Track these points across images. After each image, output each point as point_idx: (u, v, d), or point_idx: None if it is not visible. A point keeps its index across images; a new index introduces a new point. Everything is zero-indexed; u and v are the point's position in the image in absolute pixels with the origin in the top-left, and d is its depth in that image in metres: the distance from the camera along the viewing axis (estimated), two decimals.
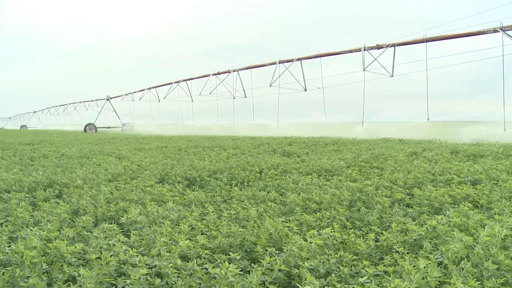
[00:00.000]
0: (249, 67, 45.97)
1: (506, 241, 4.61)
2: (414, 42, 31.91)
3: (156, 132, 48.52)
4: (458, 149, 17.25)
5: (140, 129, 61.59)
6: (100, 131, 70.95)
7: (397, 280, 3.44)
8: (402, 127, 37.26)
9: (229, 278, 3.67)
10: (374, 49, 33.32)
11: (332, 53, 38.00)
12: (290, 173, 10.96)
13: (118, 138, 34.82)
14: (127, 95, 72.73)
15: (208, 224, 5.76)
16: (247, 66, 46.16)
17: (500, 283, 3.62)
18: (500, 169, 10.90)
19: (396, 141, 24.67)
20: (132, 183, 9.18)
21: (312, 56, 39.38)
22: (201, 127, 53.70)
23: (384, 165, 12.23)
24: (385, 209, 6.80)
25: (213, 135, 36.93)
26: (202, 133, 42.38)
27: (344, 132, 35.74)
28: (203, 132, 44.28)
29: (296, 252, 4.36)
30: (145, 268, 3.84)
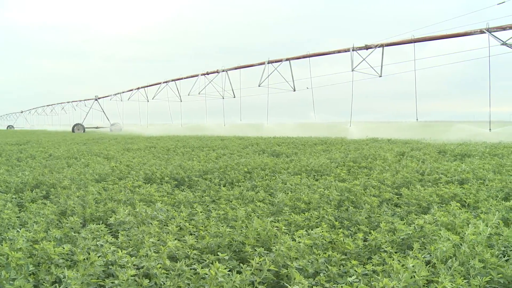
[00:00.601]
0: (238, 67, 45.96)
1: (491, 239, 4.65)
2: (402, 42, 32.11)
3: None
4: (446, 149, 17.39)
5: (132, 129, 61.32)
6: (88, 131, 70.54)
7: (385, 279, 3.45)
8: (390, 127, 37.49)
9: (219, 279, 3.66)
10: (362, 49, 33.46)
11: (321, 53, 38.10)
12: (279, 173, 10.96)
13: (107, 138, 34.65)
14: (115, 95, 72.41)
15: (197, 225, 5.75)
16: (236, 66, 46.15)
17: (485, 281, 3.65)
18: (487, 169, 11.00)
19: (384, 141, 24.81)
20: (120, 184, 9.13)
21: (300, 56, 39.47)
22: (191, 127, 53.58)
23: (372, 165, 12.29)
24: (374, 208, 6.83)
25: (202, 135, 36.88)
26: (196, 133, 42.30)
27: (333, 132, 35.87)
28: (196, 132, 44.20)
29: (284, 252, 4.36)
30: (133, 269, 3.82)
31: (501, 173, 10.41)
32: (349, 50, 34.10)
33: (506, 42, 25.38)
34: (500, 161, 12.84)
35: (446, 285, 3.42)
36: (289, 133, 35.56)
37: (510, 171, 10.63)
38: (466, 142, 22.79)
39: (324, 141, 24.30)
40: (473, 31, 27.28)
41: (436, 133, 30.12)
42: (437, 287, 3.49)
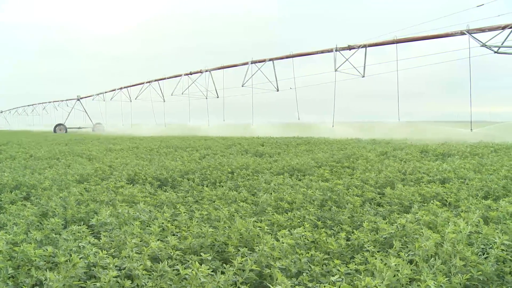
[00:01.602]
0: (221, 67, 45.86)
1: (472, 237, 4.71)
2: (385, 43, 32.35)
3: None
4: (428, 149, 17.57)
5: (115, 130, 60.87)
6: (71, 131, 69.82)
7: (368, 278, 3.47)
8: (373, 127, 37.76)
9: (201, 279, 3.64)
10: (345, 49, 33.63)
11: (304, 54, 38.21)
12: (262, 173, 10.96)
13: (89, 138, 34.34)
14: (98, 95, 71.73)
15: (180, 225, 5.71)
16: (219, 66, 46.04)
17: (466, 279, 3.69)
18: (468, 168, 11.15)
19: (367, 141, 24.98)
20: (103, 184, 9.05)
21: (284, 56, 39.53)
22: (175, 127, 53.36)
23: (355, 164, 12.37)
24: (356, 208, 6.87)
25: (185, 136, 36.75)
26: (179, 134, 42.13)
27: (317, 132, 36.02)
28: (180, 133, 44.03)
29: (267, 252, 4.36)
30: (115, 270, 3.78)
31: (481, 172, 10.56)
32: (332, 50, 34.25)
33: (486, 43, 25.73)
34: (480, 160, 13.03)
35: (429, 283, 3.46)
36: (272, 133, 35.60)
37: (490, 170, 10.78)
38: (448, 142, 23.09)
39: (308, 141, 24.39)
40: (454, 32, 27.60)
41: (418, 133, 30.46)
42: (420, 286, 3.52)
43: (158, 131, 50.32)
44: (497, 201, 7.15)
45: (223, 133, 39.72)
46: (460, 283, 3.67)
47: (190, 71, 49.36)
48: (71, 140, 31.76)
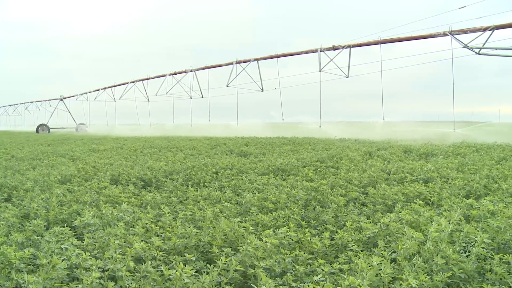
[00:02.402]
0: (206, 67, 45.68)
1: (453, 236, 4.76)
2: (369, 43, 32.50)
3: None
4: (411, 149, 17.72)
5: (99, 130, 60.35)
6: (54, 131, 69.08)
7: (351, 277, 3.49)
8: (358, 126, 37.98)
9: (184, 280, 3.63)
10: (330, 50, 33.70)
11: (289, 54, 38.22)
12: (246, 173, 10.96)
13: (72, 139, 34.03)
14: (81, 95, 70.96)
15: (164, 226, 5.68)
16: (204, 66, 45.85)
17: (447, 277, 3.73)
18: (450, 167, 11.27)
19: (352, 141, 25.12)
20: (86, 185, 8.96)
21: (268, 56, 39.50)
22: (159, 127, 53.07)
23: (339, 164, 12.42)
24: (340, 208, 6.90)
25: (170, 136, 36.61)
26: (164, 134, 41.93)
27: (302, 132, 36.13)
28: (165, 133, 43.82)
29: (251, 252, 4.36)
30: (98, 272, 3.74)
31: (463, 172, 10.68)
32: (317, 50, 34.30)
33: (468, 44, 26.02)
34: (462, 160, 13.17)
35: (411, 282, 3.48)
36: (257, 133, 35.61)
37: (472, 170, 10.91)
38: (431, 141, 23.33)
39: (292, 141, 24.44)
40: (437, 33, 27.84)
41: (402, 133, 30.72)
42: (402, 284, 3.54)
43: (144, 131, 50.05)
44: (478, 200, 7.24)
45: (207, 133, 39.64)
46: (441, 281, 3.71)
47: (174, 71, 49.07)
48: (54, 140, 31.44)
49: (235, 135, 34.23)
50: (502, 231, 4.96)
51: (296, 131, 36.72)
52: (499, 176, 9.66)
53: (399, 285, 3.57)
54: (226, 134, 37.78)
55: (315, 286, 3.60)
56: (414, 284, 3.50)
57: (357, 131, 34.41)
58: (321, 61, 33.53)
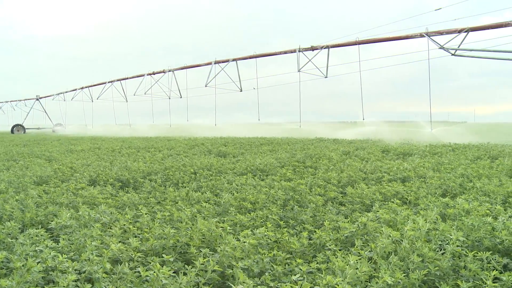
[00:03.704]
0: (184, 67, 45.48)
1: (430, 234, 4.82)
2: (347, 44, 32.73)
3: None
4: (389, 148, 17.92)
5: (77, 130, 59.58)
6: (29, 132, 68.00)
7: (329, 276, 3.51)
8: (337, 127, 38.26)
9: (162, 281, 3.60)
10: (308, 50, 33.85)
11: (267, 54, 38.26)
12: (225, 173, 10.95)
13: (49, 139, 33.55)
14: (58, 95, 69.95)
15: (142, 227, 5.64)
16: (182, 66, 45.64)
17: (423, 274, 3.78)
18: (427, 167, 11.43)
19: (330, 141, 25.28)
20: (63, 186, 8.84)
21: (247, 56, 39.49)
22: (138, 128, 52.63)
23: (318, 164, 12.48)
24: (319, 207, 6.94)
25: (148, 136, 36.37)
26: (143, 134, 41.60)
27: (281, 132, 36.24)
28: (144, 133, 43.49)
29: (229, 252, 4.35)
30: (74, 274, 3.69)
31: (440, 171, 10.84)
32: (295, 51, 34.42)
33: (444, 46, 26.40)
34: (439, 159, 13.37)
35: (386, 279, 3.53)
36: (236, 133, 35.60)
37: (448, 169, 11.08)
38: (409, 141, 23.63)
39: (271, 141, 24.49)
40: (414, 34, 28.19)
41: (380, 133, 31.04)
42: (378, 282, 3.58)
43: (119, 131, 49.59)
44: (454, 199, 7.36)
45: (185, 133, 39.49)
46: (417, 279, 3.76)
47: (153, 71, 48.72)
48: (30, 141, 30.94)
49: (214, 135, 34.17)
50: (476, 229, 5.04)
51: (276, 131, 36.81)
52: (474, 175, 9.82)
53: (375, 283, 3.61)
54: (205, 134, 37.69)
55: (293, 285, 3.61)
56: (390, 281, 3.55)
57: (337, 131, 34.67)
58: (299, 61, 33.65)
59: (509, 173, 10.54)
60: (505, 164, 11.54)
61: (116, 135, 43.27)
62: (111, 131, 51.39)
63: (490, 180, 9.07)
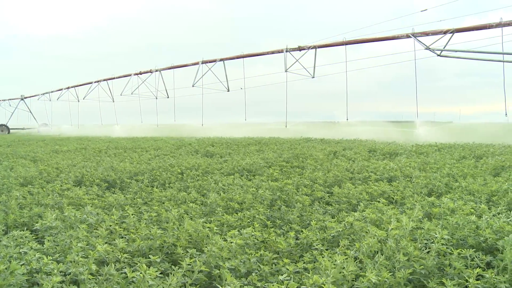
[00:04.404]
0: (171, 67, 45.28)
1: (415, 233, 4.86)
2: (334, 44, 32.83)
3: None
4: (376, 148, 18.02)
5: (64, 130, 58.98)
6: (14, 132, 67.27)
7: (315, 276, 3.53)
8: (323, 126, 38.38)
9: (149, 282, 3.59)
10: (295, 50, 33.90)
11: (255, 54, 38.27)
12: (212, 173, 10.94)
13: (34, 140, 33.22)
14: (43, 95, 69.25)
15: (128, 227, 5.61)
16: (169, 66, 45.43)
17: (408, 273, 3.82)
18: (413, 166, 11.52)
19: (317, 141, 25.36)
20: (48, 187, 8.76)
21: (234, 56, 39.45)
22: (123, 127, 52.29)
23: (304, 164, 12.52)
24: (305, 207, 6.96)
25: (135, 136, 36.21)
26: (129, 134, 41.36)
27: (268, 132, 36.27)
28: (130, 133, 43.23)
29: (216, 252, 4.35)
30: (59, 276, 3.66)
31: (425, 170, 10.94)
32: (283, 51, 34.46)
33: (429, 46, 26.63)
34: (425, 159, 13.49)
35: (370, 277, 3.56)
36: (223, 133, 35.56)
37: (434, 168, 11.18)
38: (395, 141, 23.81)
39: (258, 141, 24.51)
40: (400, 35, 28.39)
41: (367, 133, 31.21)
42: (363, 281, 3.60)
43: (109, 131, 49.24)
44: (440, 198, 7.43)
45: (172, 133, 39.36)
46: (403, 278, 3.79)
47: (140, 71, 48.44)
48: (14, 141, 30.60)
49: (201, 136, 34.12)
50: (461, 228, 5.11)
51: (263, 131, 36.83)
52: (459, 174, 9.93)
53: (361, 282, 3.64)
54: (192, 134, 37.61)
55: (279, 285, 3.62)
56: (375, 280, 3.57)
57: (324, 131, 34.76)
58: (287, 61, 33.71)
59: (493, 172, 10.68)
60: (489, 164, 11.67)
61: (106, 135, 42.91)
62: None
63: (475, 179, 9.18)
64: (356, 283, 3.70)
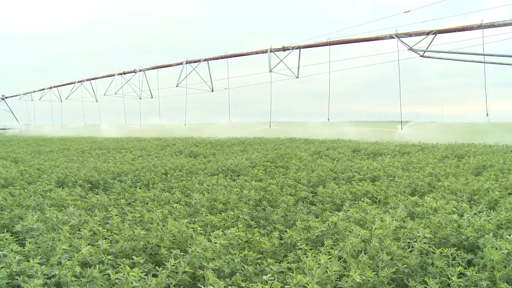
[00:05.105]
0: (155, 67, 45.00)
1: (398, 232, 4.90)
2: (318, 45, 32.91)
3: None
4: (360, 148, 18.12)
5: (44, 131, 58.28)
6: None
7: (299, 276, 3.53)
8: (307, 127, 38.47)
9: (132, 283, 3.56)
10: (280, 51, 33.92)
11: (239, 54, 38.21)
12: (196, 174, 10.90)
13: (16, 140, 32.80)
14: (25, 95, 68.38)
15: (111, 228, 5.56)
16: (153, 66, 45.14)
17: (392, 272, 3.85)
18: (396, 166, 11.61)
19: (301, 141, 25.42)
20: (30, 188, 8.65)
21: (218, 56, 39.34)
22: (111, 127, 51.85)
23: (289, 164, 12.53)
24: (290, 207, 6.96)
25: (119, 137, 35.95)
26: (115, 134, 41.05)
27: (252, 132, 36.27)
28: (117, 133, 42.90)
29: (200, 253, 4.33)
30: (41, 278, 3.61)
31: (408, 170, 11.03)
32: (267, 51, 34.47)
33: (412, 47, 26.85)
34: (408, 159, 13.59)
35: (355, 277, 3.58)
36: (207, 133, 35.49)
37: (417, 168, 11.28)
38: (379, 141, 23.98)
39: (242, 142, 24.49)
40: (384, 36, 28.58)
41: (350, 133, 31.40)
42: (347, 281, 3.62)
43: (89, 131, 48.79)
44: (422, 197, 7.49)
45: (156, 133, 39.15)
46: (386, 277, 3.82)
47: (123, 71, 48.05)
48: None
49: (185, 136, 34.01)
50: (443, 226, 5.16)
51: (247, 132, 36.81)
52: (442, 174, 10.04)
53: (345, 282, 3.65)
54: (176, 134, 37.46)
55: (263, 285, 3.61)
56: (359, 279, 3.59)
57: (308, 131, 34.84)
58: (271, 61, 33.73)
59: (475, 172, 10.81)
60: (471, 163, 11.82)
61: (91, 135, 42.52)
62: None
63: (457, 178, 9.28)
64: (340, 282, 3.71)
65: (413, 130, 31.79)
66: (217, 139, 28.45)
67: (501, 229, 5.21)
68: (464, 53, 25.04)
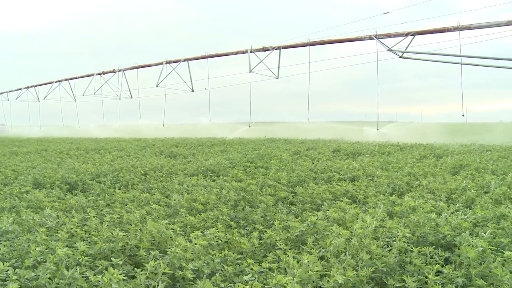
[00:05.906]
0: (135, 67, 44.63)
1: (377, 232, 4.95)
2: (299, 45, 33.02)
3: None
4: (340, 148, 18.24)
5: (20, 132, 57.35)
6: None
7: (279, 275, 3.53)
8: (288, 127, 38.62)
9: (112, 285, 3.51)
10: (260, 51, 33.95)
11: (219, 54, 38.13)
12: (175, 174, 10.84)
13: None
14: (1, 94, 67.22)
15: (90, 230, 5.49)
16: (133, 66, 44.76)
17: (371, 271, 3.88)
18: (376, 166, 11.72)
19: (281, 141, 25.49)
20: (6, 190, 8.49)
21: (199, 57, 39.19)
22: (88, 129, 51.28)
23: (269, 164, 12.55)
24: (269, 207, 6.96)
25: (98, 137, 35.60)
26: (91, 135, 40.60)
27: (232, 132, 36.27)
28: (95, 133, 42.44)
29: (180, 254, 4.30)
30: (16, 282, 3.54)
31: (387, 170, 11.13)
32: (247, 51, 34.46)
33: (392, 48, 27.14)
34: (387, 158, 13.73)
35: (337, 278, 3.59)
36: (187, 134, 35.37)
37: (396, 167, 11.39)
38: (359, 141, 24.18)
39: (222, 142, 24.46)
40: (363, 36, 28.82)
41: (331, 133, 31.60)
42: (329, 280, 3.64)
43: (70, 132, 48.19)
44: (401, 197, 7.57)
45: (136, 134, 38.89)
46: (365, 276, 3.84)
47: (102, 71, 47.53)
48: None
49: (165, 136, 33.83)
50: (421, 225, 5.23)
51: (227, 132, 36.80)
52: (420, 173, 10.16)
53: (326, 282, 3.67)
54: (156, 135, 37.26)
55: (244, 286, 3.61)
56: (341, 280, 3.61)
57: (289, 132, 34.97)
58: (251, 62, 33.73)
59: (452, 171, 10.97)
60: (449, 163, 12.00)
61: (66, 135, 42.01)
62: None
63: (435, 178, 9.41)
64: (321, 282, 3.73)
65: (393, 131, 32.15)
66: (197, 139, 28.37)
67: (477, 227, 5.30)
68: (442, 54, 25.41)
